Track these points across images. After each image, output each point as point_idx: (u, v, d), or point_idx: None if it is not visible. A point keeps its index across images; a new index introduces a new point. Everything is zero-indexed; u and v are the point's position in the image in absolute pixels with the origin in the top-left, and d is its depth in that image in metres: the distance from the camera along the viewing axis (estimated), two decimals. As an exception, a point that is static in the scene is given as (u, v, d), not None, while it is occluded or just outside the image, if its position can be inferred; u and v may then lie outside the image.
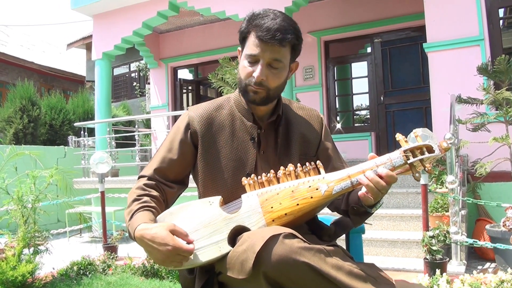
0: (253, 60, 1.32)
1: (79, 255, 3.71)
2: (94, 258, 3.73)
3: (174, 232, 1.16)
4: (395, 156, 1.21)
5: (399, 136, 1.23)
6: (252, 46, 1.31)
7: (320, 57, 7.19)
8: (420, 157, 1.19)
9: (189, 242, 1.17)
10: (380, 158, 1.23)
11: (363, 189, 1.24)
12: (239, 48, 1.41)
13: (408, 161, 1.19)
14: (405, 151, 1.20)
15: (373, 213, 1.32)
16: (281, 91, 1.41)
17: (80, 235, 6.45)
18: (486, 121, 3.85)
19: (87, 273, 3.54)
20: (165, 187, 1.38)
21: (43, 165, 3.90)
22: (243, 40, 1.36)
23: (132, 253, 3.83)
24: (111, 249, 4.17)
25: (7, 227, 3.43)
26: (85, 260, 3.63)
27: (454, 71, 4.59)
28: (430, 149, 1.19)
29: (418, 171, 1.21)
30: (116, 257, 3.94)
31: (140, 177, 1.40)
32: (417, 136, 1.22)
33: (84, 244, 5.72)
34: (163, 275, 3.40)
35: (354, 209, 1.33)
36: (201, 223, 1.24)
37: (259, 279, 1.09)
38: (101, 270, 3.62)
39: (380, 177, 1.19)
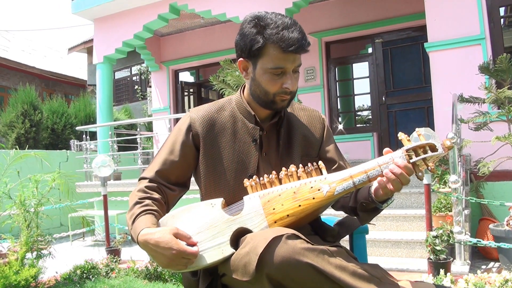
0: (279, 72, 1.30)
1: (82, 259, 3.71)
2: (97, 262, 3.73)
3: (177, 235, 1.16)
4: (398, 155, 1.19)
5: (401, 135, 1.21)
6: (275, 60, 1.28)
7: (321, 58, 7.18)
8: (423, 156, 1.16)
9: (193, 245, 1.17)
10: (382, 158, 1.21)
11: (375, 184, 1.23)
12: (243, 59, 1.34)
13: (411, 160, 1.17)
14: (407, 150, 1.18)
15: (382, 209, 1.30)
16: None
17: (83, 238, 6.45)
18: (488, 120, 3.83)
19: (90, 276, 3.54)
20: (166, 189, 1.38)
21: (45, 169, 3.89)
22: (257, 51, 1.29)
23: (135, 256, 3.83)
24: (114, 252, 4.17)
25: (10, 232, 3.44)
26: (88, 263, 3.63)
27: (455, 71, 4.58)
28: (433, 148, 1.17)
29: (421, 170, 1.19)
30: (119, 260, 3.94)
31: (141, 179, 1.39)
32: (420, 135, 1.20)
33: (87, 248, 5.72)
34: (166, 278, 3.40)
35: (363, 205, 1.32)
36: (203, 226, 1.24)
37: (262, 281, 1.08)
38: (104, 273, 3.62)
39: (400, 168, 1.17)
